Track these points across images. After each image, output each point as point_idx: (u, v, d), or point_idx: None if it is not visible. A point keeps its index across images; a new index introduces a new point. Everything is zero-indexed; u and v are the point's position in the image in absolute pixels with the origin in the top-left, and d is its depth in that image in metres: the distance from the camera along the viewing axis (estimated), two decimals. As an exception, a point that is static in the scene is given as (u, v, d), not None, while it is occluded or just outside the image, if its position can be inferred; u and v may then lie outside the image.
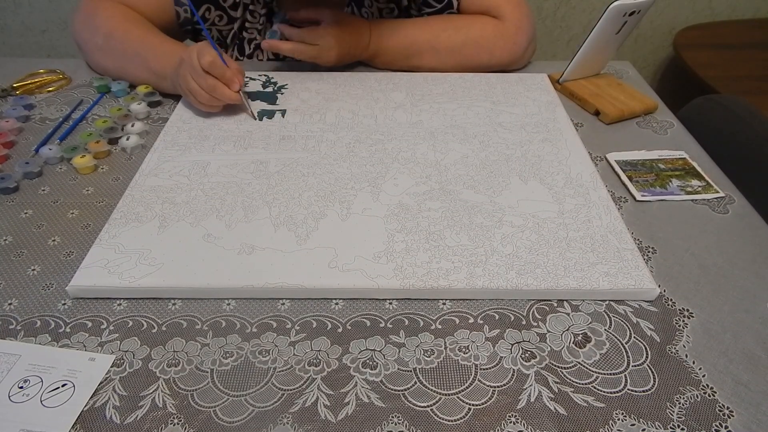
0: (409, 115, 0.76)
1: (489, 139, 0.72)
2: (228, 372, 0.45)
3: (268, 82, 0.83)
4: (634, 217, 0.61)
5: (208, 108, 0.73)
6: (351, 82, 0.83)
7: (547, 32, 1.64)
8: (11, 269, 0.54)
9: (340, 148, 0.69)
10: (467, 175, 0.65)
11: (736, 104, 0.81)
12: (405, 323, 0.50)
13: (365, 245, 0.55)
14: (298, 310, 0.51)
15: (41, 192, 0.64)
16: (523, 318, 0.50)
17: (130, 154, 0.70)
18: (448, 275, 0.52)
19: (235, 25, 0.87)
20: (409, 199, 0.61)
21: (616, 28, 0.78)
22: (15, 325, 0.49)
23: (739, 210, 0.63)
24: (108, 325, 0.49)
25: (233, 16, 0.86)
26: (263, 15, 0.87)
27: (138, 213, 0.58)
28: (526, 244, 0.55)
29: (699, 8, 1.61)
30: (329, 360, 0.46)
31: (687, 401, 0.44)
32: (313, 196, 0.61)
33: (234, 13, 0.86)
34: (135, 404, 0.43)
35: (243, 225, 0.57)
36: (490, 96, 0.81)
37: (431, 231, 0.57)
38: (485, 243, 0.55)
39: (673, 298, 0.52)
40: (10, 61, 0.90)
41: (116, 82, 0.81)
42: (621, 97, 0.80)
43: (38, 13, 1.55)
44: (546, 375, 0.46)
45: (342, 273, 0.52)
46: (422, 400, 0.44)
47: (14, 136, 0.72)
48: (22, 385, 0.44)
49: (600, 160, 0.71)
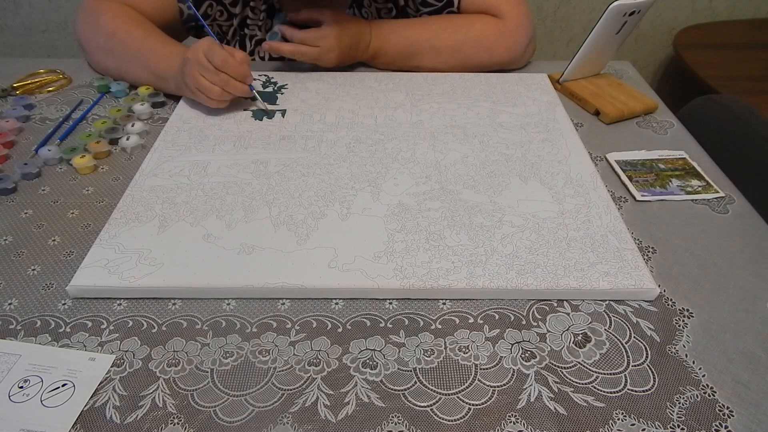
0: (409, 115, 0.76)
1: (489, 139, 0.72)
2: (228, 372, 0.45)
3: (268, 82, 0.83)
4: (634, 217, 0.61)
5: (218, 103, 0.73)
6: (351, 82, 0.83)
7: (547, 32, 1.64)
8: (11, 269, 0.54)
9: (340, 148, 0.69)
10: (467, 175, 0.65)
11: (736, 104, 0.81)
12: (405, 323, 0.50)
13: (365, 245, 0.55)
14: (298, 310, 0.51)
15: (41, 192, 0.64)
16: (523, 318, 0.50)
17: (130, 154, 0.70)
18: (448, 275, 0.52)
19: (235, 21, 0.87)
20: (409, 199, 0.61)
21: (616, 28, 0.78)
22: (15, 324, 0.49)
23: (739, 210, 0.63)
24: (108, 325, 0.49)
25: (233, 12, 0.86)
26: (264, 11, 0.87)
27: (138, 213, 0.58)
28: (526, 244, 0.55)
29: (699, 8, 1.61)
30: (329, 360, 0.46)
31: (687, 401, 0.44)
32: (313, 196, 0.61)
33: (234, 10, 0.86)
34: (135, 404, 0.43)
35: (243, 225, 0.57)
36: (490, 96, 0.81)
37: (431, 231, 0.57)
38: (485, 243, 0.55)
39: (673, 298, 0.52)
40: (10, 61, 0.90)
41: (116, 83, 0.81)
42: (621, 97, 0.80)
43: (38, 13, 1.55)
44: (546, 375, 0.46)
45: (342, 273, 0.52)
46: (422, 400, 0.44)
47: (14, 136, 0.72)
48: (22, 384, 0.44)
49: (600, 160, 0.71)
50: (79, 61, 0.89)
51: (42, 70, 0.86)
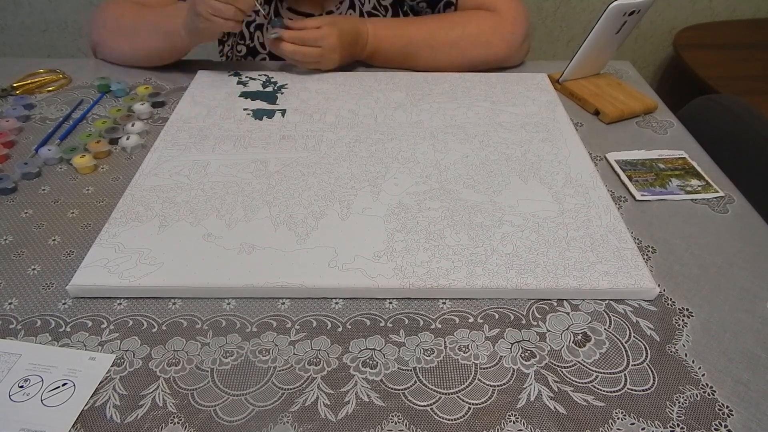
0: (409, 115, 0.76)
1: (489, 138, 0.72)
2: (228, 371, 0.45)
3: (268, 82, 0.83)
4: (633, 216, 0.61)
5: (234, 25, 0.74)
6: (351, 82, 0.83)
7: (547, 32, 1.64)
8: (11, 269, 0.54)
9: (340, 148, 0.69)
10: (467, 175, 0.65)
11: (736, 104, 0.81)
12: (405, 322, 0.50)
13: (365, 245, 0.55)
14: (298, 309, 0.51)
15: (41, 192, 0.64)
16: (523, 317, 0.50)
17: (130, 154, 0.70)
18: (448, 275, 0.52)
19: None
20: (409, 199, 0.61)
21: (616, 28, 0.78)
22: (15, 324, 0.49)
23: (738, 210, 0.63)
24: (108, 325, 0.49)
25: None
26: (278, 21, 0.87)
27: (138, 212, 0.58)
28: (525, 244, 0.55)
29: (699, 8, 1.61)
30: (329, 359, 0.46)
31: (687, 400, 0.44)
32: (313, 196, 0.61)
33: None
34: (135, 403, 0.43)
35: (243, 224, 0.57)
36: (490, 96, 0.81)
37: (431, 230, 0.57)
38: (485, 242, 0.55)
39: (672, 297, 0.52)
40: (10, 61, 0.90)
41: (116, 82, 0.82)
42: (621, 96, 0.80)
43: (38, 13, 1.55)
44: (546, 374, 0.46)
45: (342, 272, 0.52)
46: (422, 400, 0.44)
47: (14, 135, 0.72)
48: (23, 384, 0.44)
49: (600, 159, 0.71)
50: (80, 61, 0.89)
51: (42, 70, 0.87)
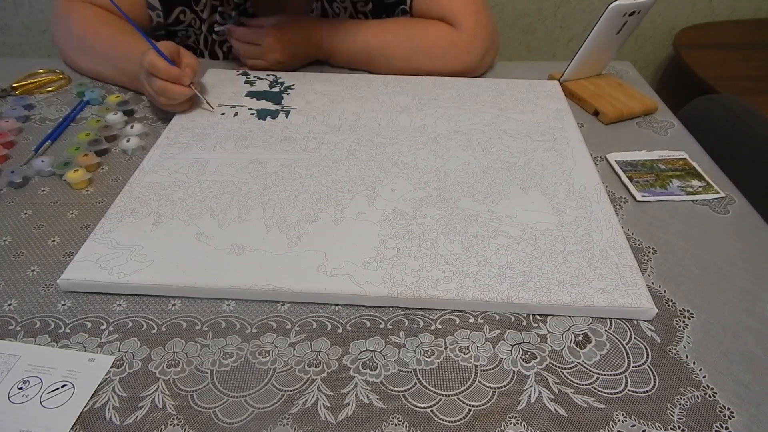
0: (413, 119, 0.75)
1: (493, 146, 0.70)
2: (228, 373, 0.45)
3: (276, 82, 0.83)
4: (634, 217, 0.61)
5: (169, 108, 0.73)
6: (358, 85, 0.83)
7: (547, 32, 1.64)
8: (11, 269, 0.54)
9: (340, 151, 0.69)
10: (467, 183, 0.63)
11: (736, 104, 0.81)
12: (405, 324, 0.49)
13: (356, 250, 0.54)
14: (298, 311, 0.51)
15: (41, 192, 0.63)
16: (524, 319, 0.50)
17: (130, 156, 0.70)
18: (438, 285, 0.51)
19: (204, 27, 0.88)
20: (405, 205, 0.60)
21: (617, 28, 0.78)
22: (14, 325, 0.49)
23: (739, 210, 0.63)
24: (108, 326, 0.49)
25: (203, 18, 0.87)
26: (232, 17, 0.88)
27: (134, 209, 0.58)
28: (520, 256, 0.54)
29: (699, 8, 1.61)
30: (329, 361, 0.46)
31: (687, 402, 0.44)
32: (308, 199, 0.60)
33: (204, 15, 0.86)
34: (135, 405, 0.43)
35: (236, 225, 0.57)
36: (497, 102, 0.79)
37: (424, 238, 0.55)
38: (479, 253, 0.54)
39: (673, 298, 0.52)
40: (10, 61, 0.90)
41: (90, 90, 0.80)
42: (621, 97, 0.80)
43: (38, 13, 1.55)
44: (546, 376, 0.46)
45: (329, 278, 0.51)
46: (422, 401, 0.44)
47: (14, 136, 0.72)
48: (22, 385, 0.44)
49: (600, 160, 0.70)
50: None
51: (42, 70, 0.86)
